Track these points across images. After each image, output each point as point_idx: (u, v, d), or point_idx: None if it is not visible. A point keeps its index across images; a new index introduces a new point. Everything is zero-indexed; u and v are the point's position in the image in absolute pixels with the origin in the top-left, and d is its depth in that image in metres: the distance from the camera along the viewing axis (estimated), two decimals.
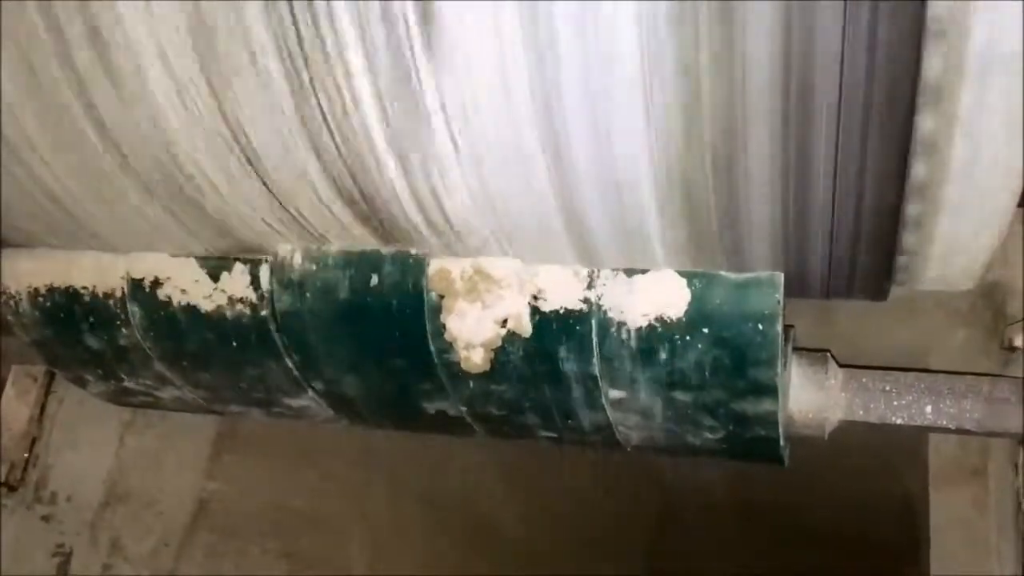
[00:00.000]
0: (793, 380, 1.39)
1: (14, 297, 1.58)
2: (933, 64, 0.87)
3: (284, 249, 1.37)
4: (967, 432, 1.38)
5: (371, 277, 1.33)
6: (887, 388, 1.39)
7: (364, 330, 1.37)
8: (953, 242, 1.08)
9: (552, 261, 1.24)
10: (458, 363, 1.32)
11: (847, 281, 1.16)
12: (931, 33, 0.85)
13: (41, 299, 1.55)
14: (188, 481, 2.60)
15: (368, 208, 1.19)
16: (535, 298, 1.26)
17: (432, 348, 1.33)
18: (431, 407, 1.49)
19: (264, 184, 1.19)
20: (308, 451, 2.73)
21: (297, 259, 1.37)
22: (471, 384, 1.37)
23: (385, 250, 1.31)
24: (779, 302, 1.15)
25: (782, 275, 1.15)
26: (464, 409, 1.46)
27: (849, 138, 0.93)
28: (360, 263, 1.33)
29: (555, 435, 1.49)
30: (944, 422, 1.37)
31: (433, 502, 2.99)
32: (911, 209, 1.03)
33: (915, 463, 1.98)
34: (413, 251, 1.30)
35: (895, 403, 1.38)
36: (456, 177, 1.09)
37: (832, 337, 1.58)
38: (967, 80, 0.87)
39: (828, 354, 1.42)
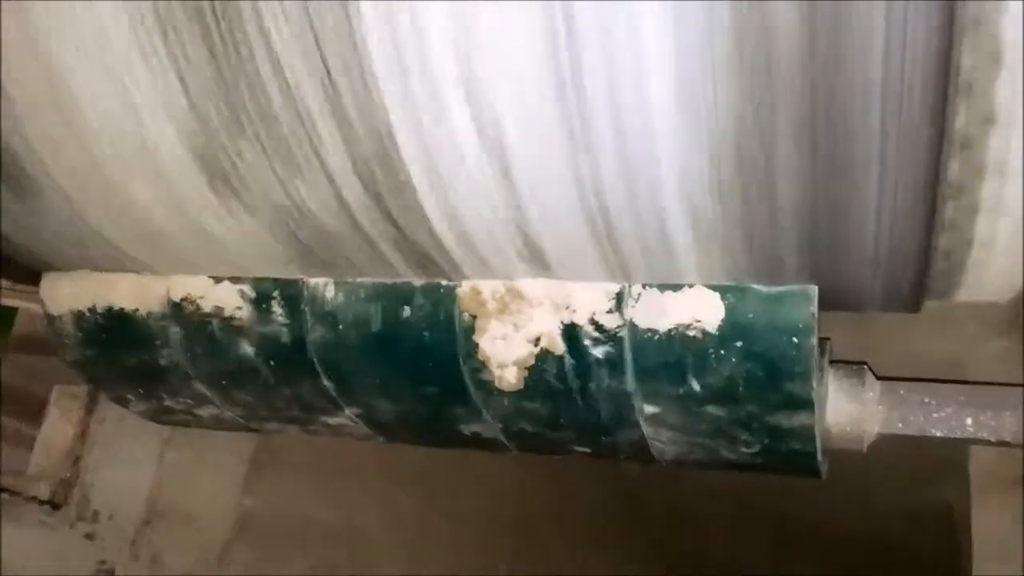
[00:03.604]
0: (830, 393, 1.37)
1: (57, 319, 1.61)
2: (964, 59, 0.85)
3: (317, 281, 1.39)
4: (1007, 444, 1.35)
5: (403, 309, 1.34)
6: (926, 400, 1.37)
7: (397, 360, 1.39)
8: (990, 247, 1.06)
9: (583, 278, 1.24)
10: (491, 382, 1.33)
11: (882, 294, 1.15)
12: (962, 27, 0.83)
13: (83, 321, 1.58)
14: (226, 497, 2.62)
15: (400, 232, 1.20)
16: (567, 316, 1.26)
17: (465, 368, 1.34)
18: (466, 428, 1.50)
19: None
20: (344, 466, 2.74)
21: (330, 291, 1.39)
22: (505, 402, 1.37)
23: (416, 282, 1.33)
24: (813, 315, 1.14)
25: (816, 288, 1.14)
26: (499, 427, 1.46)
27: (885, 147, 0.91)
28: (391, 296, 1.35)
29: (589, 450, 1.49)
30: (985, 434, 1.34)
31: (466, 516, 2.99)
32: (947, 212, 1.02)
33: (955, 474, 1.95)
34: (444, 282, 1.31)
35: (934, 415, 1.36)
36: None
37: (868, 349, 1.56)
38: (1002, 73, 0.85)
39: (865, 366, 1.41)
